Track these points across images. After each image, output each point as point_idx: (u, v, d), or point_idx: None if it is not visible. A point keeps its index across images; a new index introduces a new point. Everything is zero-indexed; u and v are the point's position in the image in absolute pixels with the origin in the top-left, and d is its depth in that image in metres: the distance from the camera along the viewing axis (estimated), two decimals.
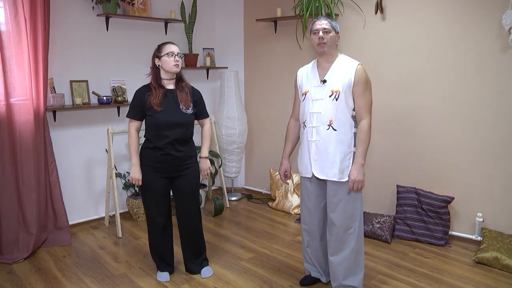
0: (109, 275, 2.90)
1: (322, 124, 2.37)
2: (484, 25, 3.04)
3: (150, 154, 2.64)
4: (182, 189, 2.71)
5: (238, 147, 4.48)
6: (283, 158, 2.70)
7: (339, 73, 2.35)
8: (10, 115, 3.09)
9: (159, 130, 2.59)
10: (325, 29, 2.34)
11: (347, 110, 2.34)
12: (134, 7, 3.79)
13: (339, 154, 2.35)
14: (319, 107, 2.38)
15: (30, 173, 3.16)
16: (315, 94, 2.41)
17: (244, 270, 2.97)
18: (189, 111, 2.66)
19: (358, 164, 2.33)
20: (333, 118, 2.34)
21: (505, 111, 3.04)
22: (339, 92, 2.33)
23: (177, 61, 2.59)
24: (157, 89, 2.60)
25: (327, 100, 2.36)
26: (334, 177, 2.37)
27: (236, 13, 4.64)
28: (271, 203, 4.32)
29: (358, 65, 2.34)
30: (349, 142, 2.36)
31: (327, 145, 2.37)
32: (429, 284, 2.74)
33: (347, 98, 2.33)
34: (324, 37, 2.33)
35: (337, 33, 2.38)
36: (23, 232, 3.17)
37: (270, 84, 4.47)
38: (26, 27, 3.06)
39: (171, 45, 2.61)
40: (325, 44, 2.34)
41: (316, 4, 3.63)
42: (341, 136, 2.35)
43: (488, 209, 3.20)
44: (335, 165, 2.36)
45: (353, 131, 2.37)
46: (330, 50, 2.37)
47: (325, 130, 2.36)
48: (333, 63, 2.39)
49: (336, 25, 2.38)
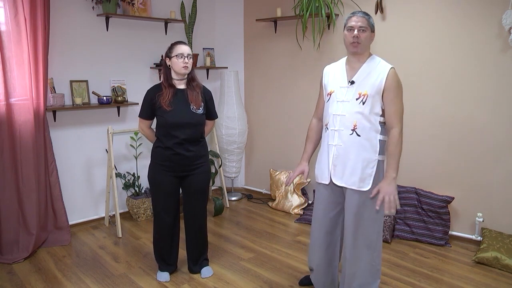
0: (109, 275, 2.90)
1: (346, 128, 2.21)
2: (484, 25, 3.04)
3: (160, 153, 2.66)
4: (191, 188, 2.72)
5: (238, 147, 4.48)
6: (302, 159, 2.50)
7: (370, 75, 2.18)
8: (10, 115, 3.09)
9: (168, 130, 2.60)
10: (361, 27, 2.14)
11: (373, 115, 2.17)
12: (134, 7, 3.79)
13: (361, 161, 2.19)
14: (343, 109, 2.22)
15: (30, 173, 3.16)
16: (341, 95, 2.24)
17: (244, 270, 2.97)
18: (200, 111, 2.66)
19: (389, 178, 2.14)
20: (358, 123, 2.18)
21: (505, 111, 3.04)
22: (367, 96, 2.16)
23: (186, 63, 2.57)
24: (167, 89, 2.60)
25: (353, 102, 2.19)
26: (353, 185, 2.21)
27: (236, 13, 4.64)
28: (271, 203, 4.32)
29: (390, 69, 2.16)
30: (374, 150, 2.19)
31: (348, 150, 2.21)
32: (429, 284, 2.74)
33: (375, 103, 2.16)
34: (360, 35, 2.14)
35: (372, 32, 2.20)
36: (23, 232, 3.17)
37: (270, 84, 4.47)
38: (26, 27, 3.06)
39: (182, 46, 2.58)
40: (359, 44, 2.16)
41: (316, 4, 3.63)
42: (365, 143, 2.19)
43: (488, 209, 3.20)
44: (356, 172, 2.20)
45: (378, 138, 2.20)
46: (363, 50, 2.20)
47: (348, 135, 2.20)
48: (364, 64, 2.22)
49: (373, 23, 2.20)
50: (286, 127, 4.39)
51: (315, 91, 4.07)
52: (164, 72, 2.64)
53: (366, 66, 2.21)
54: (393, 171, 2.15)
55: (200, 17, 4.45)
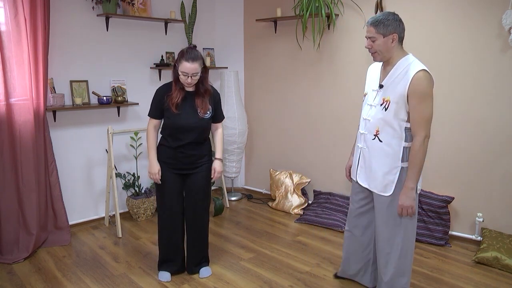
0: (109, 275, 2.90)
1: (369, 132, 2.23)
2: (484, 25, 3.04)
3: (164, 151, 2.69)
4: (192, 186, 2.73)
5: (238, 147, 4.48)
6: (351, 154, 2.57)
7: (397, 79, 2.12)
8: (10, 115, 3.09)
9: (174, 132, 2.63)
10: (370, 37, 2.14)
11: (396, 121, 2.12)
12: (134, 7, 3.79)
13: (382, 167, 2.19)
14: (369, 114, 2.24)
15: (30, 173, 3.16)
16: (371, 98, 2.26)
17: (244, 270, 2.97)
18: (207, 116, 2.67)
19: (407, 188, 2.13)
20: (380, 129, 2.18)
21: (505, 111, 3.04)
22: (389, 102, 2.12)
23: (190, 83, 2.55)
24: (177, 90, 2.60)
25: (378, 108, 2.18)
26: (375, 189, 2.26)
27: (236, 13, 4.64)
28: (271, 203, 4.32)
29: (416, 73, 2.04)
30: (396, 156, 2.16)
31: (371, 154, 2.24)
32: (429, 284, 2.74)
33: (399, 109, 2.10)
34: (371, 45, 2.14)
35: (389, 35, 2.10)
36: (23, 232, 3.17)
37: (270, 84, 4.47)
38: (26, 27, 3.06)
39: (187, 65, 2.48)
40: (375, 53, 2.16)
41: (316, 4, 3.63)
42: (387, 149, 2.17)
43: (488, 209, 3.20)
44: (378, 177, 2.23)
45: (403, 145, 2.15)
46: (385, 56, 2.15)
47: (371, 140, 2.22)
48: (394, 66, 2.15)
49: (384, 27, 2.09)
50: (286, 127, 4.39)
51: (315, 91, 4.08)
52: (174, 75, 2.62)
53: (395, 69, 2.15)
54: (412, 181, 2.13)
55: (200, 17, 4.45)
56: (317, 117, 4.09)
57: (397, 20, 2.12)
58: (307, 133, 4.20)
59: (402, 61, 2.14)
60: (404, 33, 2.16)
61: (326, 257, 3.15)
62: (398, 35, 2.13)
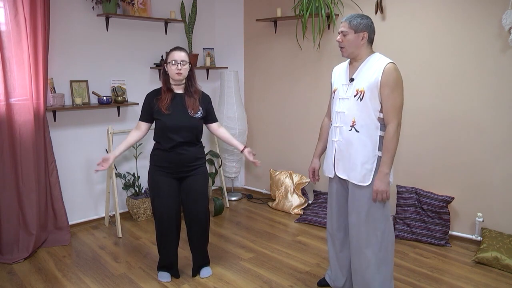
0: (109, 275, 2.90)
1: (345, 124, 2.28)
2: (484, 25, 3.04)
3: (159, 156, 2.69)
4: (190, 189, 2.72)
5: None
6: (314, 157, 2.62)
7: (368, 72, 2.22)
8: (10, 115, 3.09)
9: (166, 133, 2.64)
10: (342, 31, 2.22)
11: (372, 111, 2.20)
12: (134, 7, 3.79)
13: (360, 157, 2.24)
14: (343, 107, 2.29)
15: (30, 173, 3.16)
16: (342, 92, 2.32)
17: (244, 270, 2.97)
18: (198, 115, 2.69)
19: (382, 173, 2.19)
20: (356, 119, 2.23)
21: (505, 111, 3.04)
22: (364, 92, 2.20)
23: (179, 70, 2.59)
24: (166, 93, 2.66)
25: (352, 100, 2.25)
26: (354, 179, 2.27)
27: (236, 13, 4.64)
28: (271, 203, 4.32)
29: (387, 65, 2.16)
30: (373, 146, 2.23)
31: (348, 146, 2.27)
32: (429, 284, 2.74)
33: (373, 99, 2.19)
34: (341, 40, 2.23)
35: (360, 32, 2.20)
36: (23, 232, 3.17)
37: (270, 84, 4.47)
38: (26, 27, 3.06)
39: (176, 52, 2.61)
40: (343, 48, 2.25)
41: (316, 4, 3.63)
42: (364, 139, 2.23)
43: (488, 209, 3.20)
44: (356, 167, 2.25)
45: (379, 134, 2.23)
46: (353, 52, 2.25)
47: (348, 131, 2.26)
48: (363, 62, 2.26)
49: (357, 23, 2.19)
50: (286, 127, 4.39)
51: (315, 91, 4.08)
52: (163, 77, 2.70)
53: (365, 63, 2.25)
54: (386, 166, 2.20)
55: (200, 17, 4.45)
56: (317, 117, 4.08)
57: (370, 22, 2.25)
58: (307, 133, 4.20)
59: (371, 57, 2.25)
60: (374, 35, 2.27)
61: (326, 257, 3.15)
62: (369, 35, 2.23)
